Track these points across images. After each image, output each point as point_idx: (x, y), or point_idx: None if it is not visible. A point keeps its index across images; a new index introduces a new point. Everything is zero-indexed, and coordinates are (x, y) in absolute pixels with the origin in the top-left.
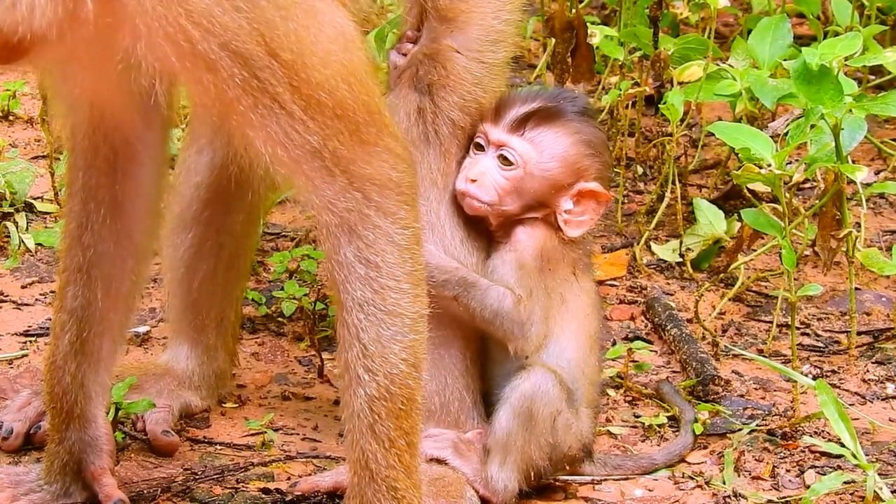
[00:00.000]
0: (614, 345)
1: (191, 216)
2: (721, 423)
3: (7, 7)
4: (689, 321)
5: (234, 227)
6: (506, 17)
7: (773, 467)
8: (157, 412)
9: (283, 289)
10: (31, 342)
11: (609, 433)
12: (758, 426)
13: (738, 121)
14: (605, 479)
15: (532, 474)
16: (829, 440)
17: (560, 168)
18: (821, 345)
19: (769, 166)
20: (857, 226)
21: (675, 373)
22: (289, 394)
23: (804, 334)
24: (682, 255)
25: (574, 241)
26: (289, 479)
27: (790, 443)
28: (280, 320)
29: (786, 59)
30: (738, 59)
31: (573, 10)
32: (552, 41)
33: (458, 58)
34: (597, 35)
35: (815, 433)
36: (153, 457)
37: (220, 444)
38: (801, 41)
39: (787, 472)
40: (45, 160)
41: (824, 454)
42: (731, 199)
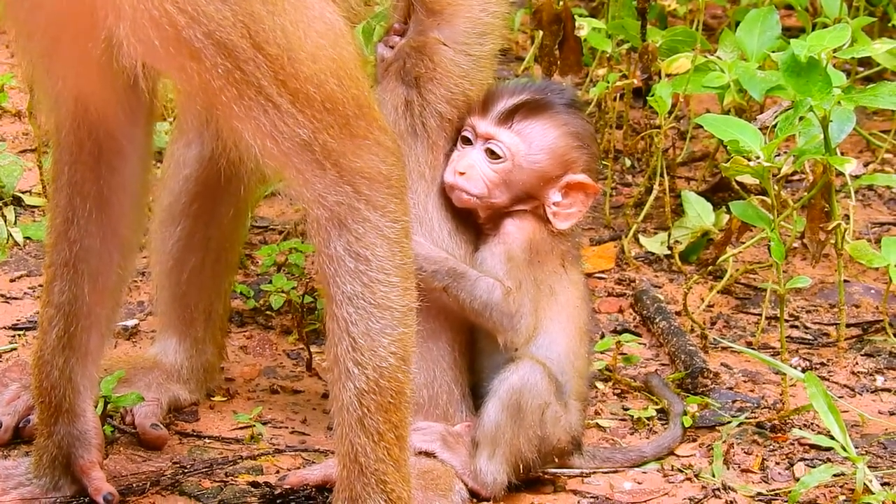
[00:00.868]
0: (603, 337)
1: (179, 209)
2: (710, 415)
3: None
4: (678, 314)
5: (222, 221)
6: (493, 9)
7: (763, 460)
8: (145, 406)
9: (271, 282)
10: (19, 336)
11: (598, 426)
12: (747, 419)
13: (727, 113)
14: (595, 472)
15: (521, 467)
16: (819, 433)
17: (548, 160)
18: (810, 337)
19: (758, 158)
20: (846, 218)
21: (663, 365)
22: (277, 387)
23: (793, 327)
24: (670, 248)
25: (563, 233)
26: (278, 472)
27: (779, 435)
28: (268, 314)
29: (774, 51)
30: (726, 51)
31: (561, 3)
32: (540, 33)
33: (445, 50)
34: (584, 27)
35: (805, 426)
36: (142, 450)
37: (209, 438)
38: (790, 33)
39: (777, 464)
40: (33, 154)
41: (813, 447)
42: (720, 192)
